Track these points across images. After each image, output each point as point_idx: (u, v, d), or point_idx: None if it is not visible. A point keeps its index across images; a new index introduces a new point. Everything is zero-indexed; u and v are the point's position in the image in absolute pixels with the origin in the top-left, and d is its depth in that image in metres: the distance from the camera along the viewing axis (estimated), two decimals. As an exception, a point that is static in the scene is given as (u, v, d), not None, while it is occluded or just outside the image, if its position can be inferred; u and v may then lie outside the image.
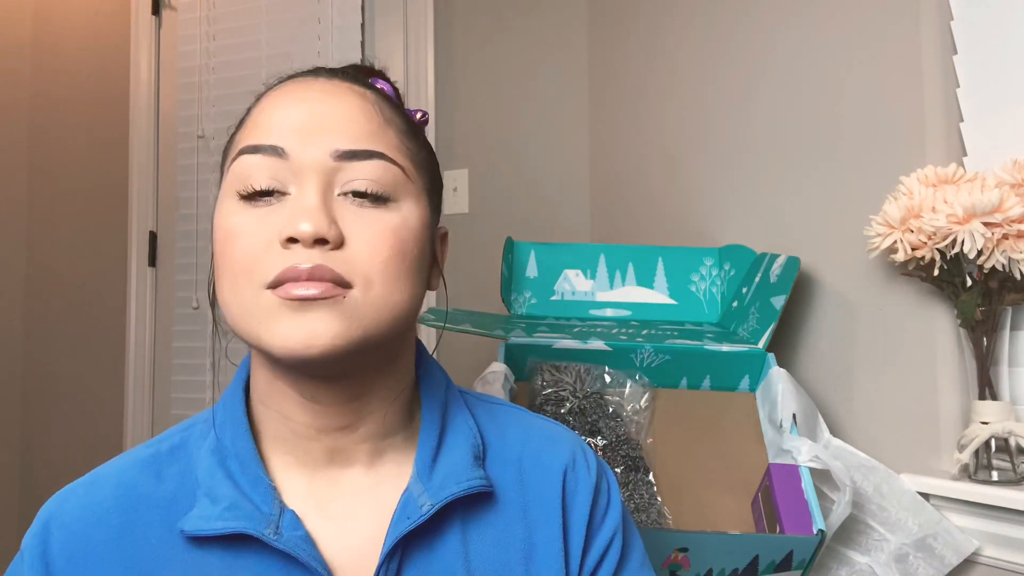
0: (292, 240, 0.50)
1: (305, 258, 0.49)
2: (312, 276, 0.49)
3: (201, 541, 0.53)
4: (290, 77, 0.58)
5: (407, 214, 0.54)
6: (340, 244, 0.51)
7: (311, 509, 0.55)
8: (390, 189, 0.53)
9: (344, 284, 0.50)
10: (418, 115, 0.63)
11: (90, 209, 2.48)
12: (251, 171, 0.52)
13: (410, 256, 0.53)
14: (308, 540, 0.53)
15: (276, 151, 0.52)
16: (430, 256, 0.59)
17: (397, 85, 0.66)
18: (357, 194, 0.52)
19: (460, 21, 2.02)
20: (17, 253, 2.57)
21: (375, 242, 0.51)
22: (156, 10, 2.36)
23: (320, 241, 0.50)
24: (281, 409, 0.56)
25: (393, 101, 0.59)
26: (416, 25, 2.02)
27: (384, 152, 0.53)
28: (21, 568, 0.53)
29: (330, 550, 0.54)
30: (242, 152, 0.53)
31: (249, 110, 0.57)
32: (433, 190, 0.60)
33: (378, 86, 0.60)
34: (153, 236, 2.34)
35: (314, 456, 0.57)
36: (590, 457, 0.65)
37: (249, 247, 0.51)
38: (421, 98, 1.99)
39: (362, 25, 2.07)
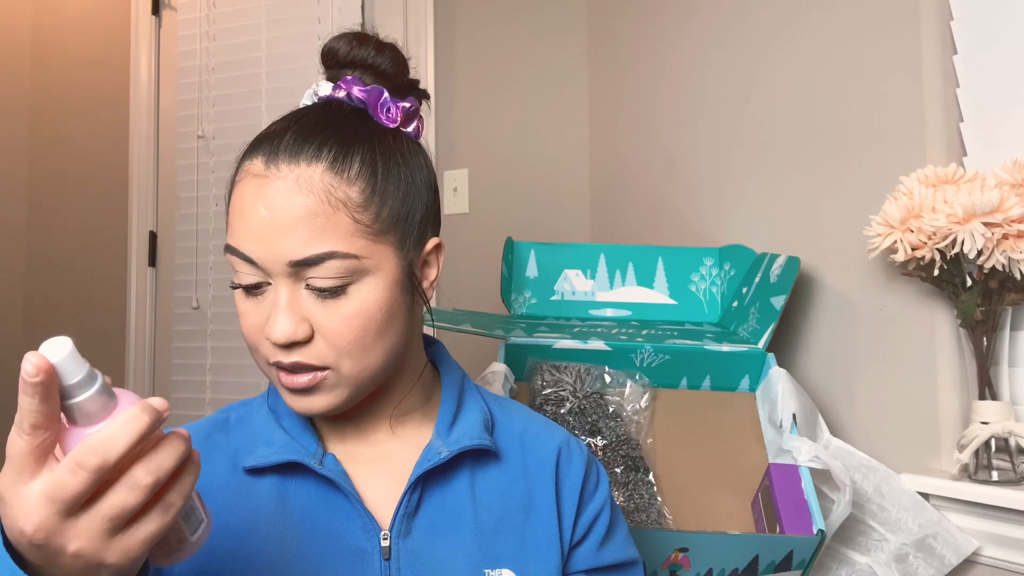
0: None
1: (285, 356, 0.61)
2: (294, 370, 0.61)
3: (258, 473, 0.66)
4: (258, 148, 0.63)
5: (367, 292, 0.62)
6: (310, 337, 0.61)
7: (346, 459, 0.68)
8: (345, 279, 0.61)
9: (321, 368, 0.61)
10: (404, 105, 0.67)
11: (90, 209, 2.48)
12: (237, 267, 0.63)
13: (375, 325, 0.62)
14: (345, 474, 0.65)
15: (247, 259, 0.61)
16: (407, 299, 0.66)
17: (395, 46, 0.69)
18: (317, 289, 0.61)
19: (460, 21, 2.02)
20: (17, 253, 2.57)
21: (338, 330, 0.61)
22: (156, 10, 2.36)
23: (291, 342, 0.61)
24: None
25: (362, 147, 0.63)
26: (416, 25, 2.02)
27: (334, 250, 0.60)
28: None
29: (361, 486, 0.66)
30: (226, 249, 0.63)
31: (233, 182, 0.64)
32: (409, 222, 0.65)
33: (355, 94, 0.66)
34: (153, 236, 2.34)
35: (343, 425, 0.70)
36: (582, 444, 0.76)
37: (251, 330, 0.63)
38: (421, 98, 1.99)
39: (362, 25, 2.07)
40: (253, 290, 0.62)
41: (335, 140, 0.62)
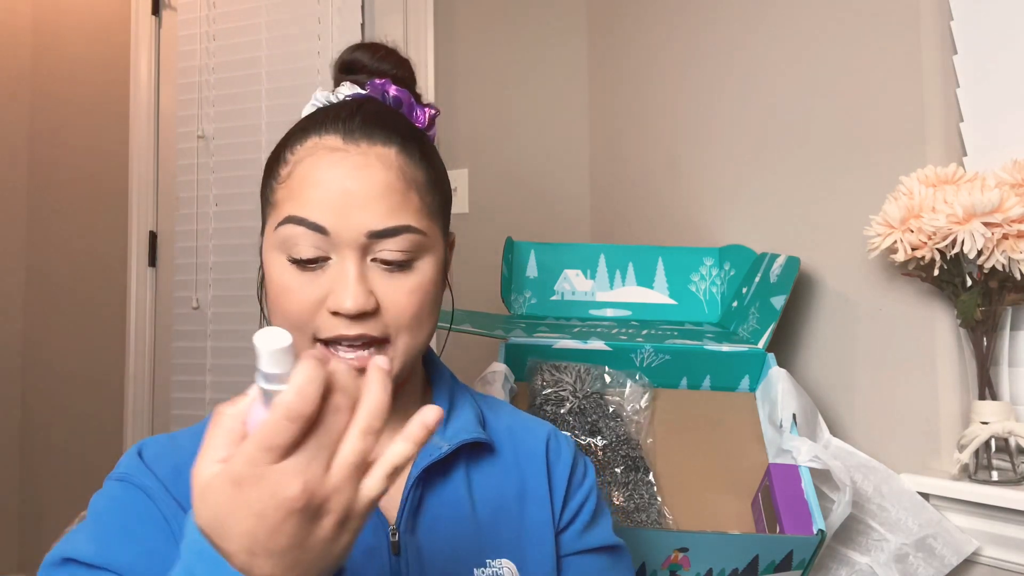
0: (337, 312, 0.62)
1: (349, 328, 0.62)
2: (357, 341, 0.62)
3: None
4: (327, 124, 0.65)
5: (427, 269, 0.65)
6: (376, 310, 0.62)
7: None
8: (413, 254, 0.64)
9: (382, 341, 0.63)
10: (430, 112, 0.72)
11: (90, 209, 2.48)
12: (297, 240, 0.62)
13: (429, 302, 0.65)
14: None
15: (318, 228, 0.61)
16: (445, 280, 0.69)
17: (409, 61, 0.74)
18: (386, 262, 0.63)
19: (460, 21, 2.02)
20: (17, 253, 2.57)
21: (402, 304, 0.63)
22: (156, 10, 2.36)
23: (361, 313, 0.61)
24: None
25: (416, 140, 0.67)
26: (416, 25, 2.02)
27: (409, 224, 0.63)
28: (113, 489, 0.63)
29: None
30: (288, 220, 0.63)
31: (287, 159, 0.65)
32: (446, 212, 0.70)
33: (391, 93, 0.70)
34: (153, 236, 2.34)
35: None
36: (567, 436, 0.79)
37: (301, 306, 0.63)
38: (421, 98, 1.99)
39: (362, 25, 2.07)
40: (310, 264, 0.63)
41: (400, 128, 0.66)
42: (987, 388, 0.96)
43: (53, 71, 2.58)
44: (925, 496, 1.00)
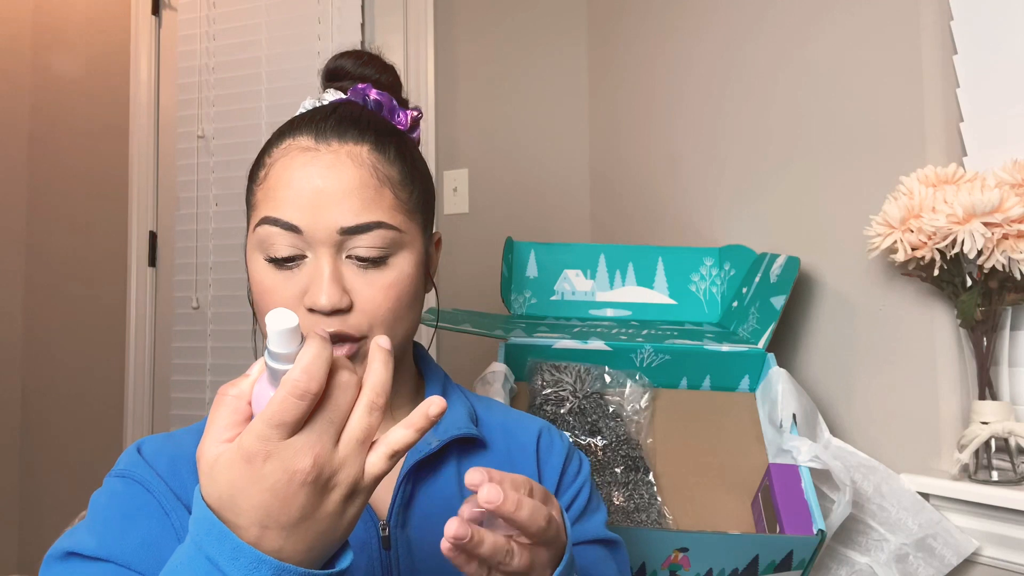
0: (313, 308, 0.63)
1: (325, 325, 0.63)
2: (333, 339, 0.61)
3: None
4: (301, 127, 0.67)
5: (403, 265, 0.66)
6: (351, 307, 0.63)
7: None
8: (387, 250, 0.64)
9: (358, 338, 0.63)
10: (412, 114, 0.73)
11: (90, 209, 2.48)
12: (273, 240, 0.64)
13: (407, 298, 0.66)
14: None
15: (292, 227, 0.63)
16: (425, 276, 0.70)
17: (396, 67, 0.76)
18: (360, 258, 0.64)
19: (460, 21, 2.02)
20: (17, 253, 2.57)
21: (377, 300, 0.64)
22: (156, 10, 2.36)
23: (335, 310, 0.62)
24: None
25: (391, 138, 0.68)
26: (416, 25, 2.02)
27: (381, 220, 0.64)
28: (114, 484, 0.64)
29: None
30: (264, 221, 0.64)
31: (264, 162, 0.67)
32: (427, 209, 0.70)
33: (372, 96, 0.70)
34: (153, 236, 2.34)
35: None
36: (562, 433, 0.80)
37: (280, 303, 0.64)
38: (421, 98, 1.99)
39: (362, 25, 2.07)
40: (287, 263, 0.64)
41: (374, 126, 0.67)
42: (987, 388, 0.96)
43: (53, 71, 2.58)
44: (925, 496, 1.00)
